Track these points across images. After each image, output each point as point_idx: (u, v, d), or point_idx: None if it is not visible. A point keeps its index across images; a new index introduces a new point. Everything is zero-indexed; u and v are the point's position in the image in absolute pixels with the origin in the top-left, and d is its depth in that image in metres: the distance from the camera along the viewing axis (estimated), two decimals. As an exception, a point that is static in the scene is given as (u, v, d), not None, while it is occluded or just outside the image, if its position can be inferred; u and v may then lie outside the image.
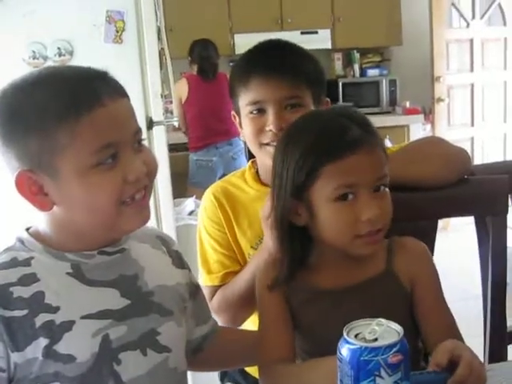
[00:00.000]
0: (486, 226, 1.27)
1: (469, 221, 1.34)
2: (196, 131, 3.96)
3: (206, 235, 1.32)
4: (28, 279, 0.85)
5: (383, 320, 0.76)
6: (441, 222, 1.31)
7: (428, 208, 1.21)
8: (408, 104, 4.59)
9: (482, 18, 4.64)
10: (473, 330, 1.32)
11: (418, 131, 4.47)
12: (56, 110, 0.81)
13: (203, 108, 3.87)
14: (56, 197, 0.85)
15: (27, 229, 0.92)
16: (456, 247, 3.53)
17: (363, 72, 4.90)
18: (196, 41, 3.97)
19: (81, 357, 0.84)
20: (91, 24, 2.16)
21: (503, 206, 1.22)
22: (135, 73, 2.19)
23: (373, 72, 4.87)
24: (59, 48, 2.16)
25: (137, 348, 0.90)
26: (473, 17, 4.60)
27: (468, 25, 4.61)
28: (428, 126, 4.57)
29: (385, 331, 0.74)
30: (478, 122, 4.71)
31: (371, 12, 4.58)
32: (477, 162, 4.07)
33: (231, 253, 1.30)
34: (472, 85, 4.66)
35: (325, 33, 4.65)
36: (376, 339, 0.73)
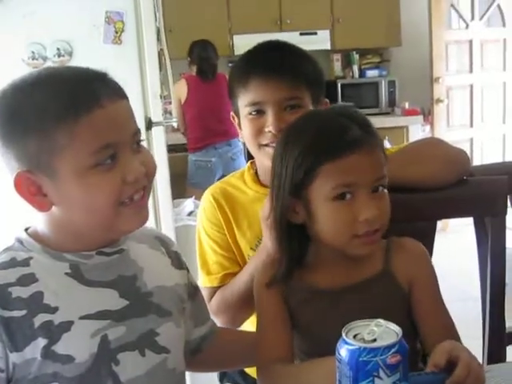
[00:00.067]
0: (485, 227, 1.27)
1: (468, 222, 1.34)
2: (195, 132, 3.95)
3: (206, 236, 1.32)
4: (27, 279, 0.85)
5: (382, 321, 0.76)
6: (440, 223, 1.31)
7: (427, 209, 1.21)
8: (407, 105, 4.59)
9: (481, 19, 4.64)
10: (471, 331, 1.32)
11: (417, 132, 4.47)
12: (55, 111, 0.81)
13: (202, 109, 3.87)
14: (55, 197, 0.85)
15: (26, 229, 0.92)
16: (455, 248, 3.54)
17: (362, 73, 4.89)
18: (195, 41, 3.97)
19: (79, 357, 0.84)
20: (90, 25, 2.16)
21: (502, 207, 1.22)
22: (134, 73, 2.19)
23: (372, 73, 4.87)
24: (58, 49, 2.16)
25: (135, 349, 0.90)
26: (472, 18, 4.60)
27: (467, 26, 4.61)
28: (427, 127, 4.57)
29: (383, 332, 0.74)
30: (477, 123, 4.71)
31: (370, 13, 4.58)
32: (476, 163, 4.07)
33: (230, 254, 1.30)
34: (471, 86, 4.66)
35: (324, 34, 4.64)
36: (375, 340, 0.73)
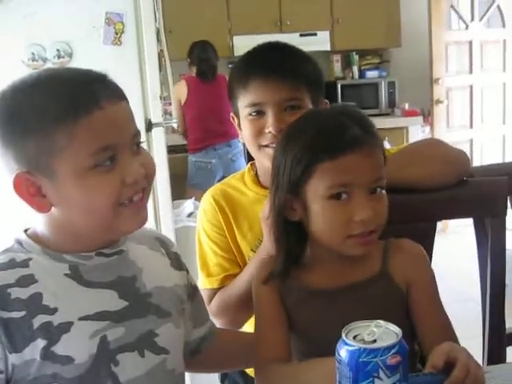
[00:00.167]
0: (485, 228, 1.27)
1: (468, 223, 1.34)
2: (195, 133, 3.95)
3: (206, 238, 1.32)
4: (26, 280, 0.85)
5: (382, 321, 0.76)
6: (440, 224, 1.31)
7: (427, 210, 1.21)
8: (407, 106, 4.59)
9: (481, 20, 4.65)
10: (471, 332, 1.32)
11: (417, 133, 4.47)
12: (54, 112, 0.81)
13: (202, 110, 3.87)
14: (54, 198, 0.85)
15: (25, 230, 0.92)
16: (455, 249, 3.53)
17: (362, 74, 4.89)
18: (195, 42, 3.97)
19: (79, 358, 0.84)
20: (90, 26, 2.16)
21: (502, 208, 1.23)
22: (134, 74, 2.19)
23: (372, 74, 4.86)
24: (58, 50, 2.16)
25: (134, 349, 0.90)
26: (472, 19, 4.61)
27: (467, 27, 4.62)
28: (427, 128, 4.57)
29: (383, 333, 0.74)
30: (477, 124, 4.72)
31: (370, 14, 4.58)
32: (476, 164, 4.07)
33: (231, 255, 1.30)
34: (471, 87, 4.67)
35: (324, 35, 4.64)
36: (375, 341, 0.73)
